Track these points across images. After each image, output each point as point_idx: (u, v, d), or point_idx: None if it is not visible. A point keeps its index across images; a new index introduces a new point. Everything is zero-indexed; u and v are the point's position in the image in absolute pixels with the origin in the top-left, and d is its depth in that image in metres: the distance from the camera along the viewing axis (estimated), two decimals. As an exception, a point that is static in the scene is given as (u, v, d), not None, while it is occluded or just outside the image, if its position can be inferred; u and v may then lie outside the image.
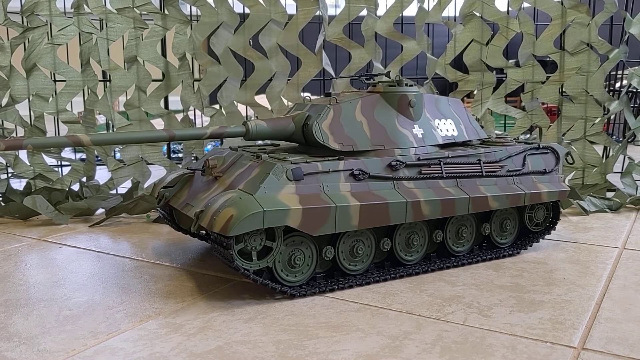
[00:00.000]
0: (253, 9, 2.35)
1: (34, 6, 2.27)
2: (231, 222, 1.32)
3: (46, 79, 2.35)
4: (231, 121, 2.39)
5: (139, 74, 2.36)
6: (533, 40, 2.47)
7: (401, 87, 1.69)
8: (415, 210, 1.55)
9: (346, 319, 1.34)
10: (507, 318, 1.34)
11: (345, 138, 1.59)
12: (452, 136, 1.77)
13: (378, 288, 1.53)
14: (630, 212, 2.34)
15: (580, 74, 2.45)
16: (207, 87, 2.39)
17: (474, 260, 1.72)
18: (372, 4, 2.42)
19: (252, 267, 1.41)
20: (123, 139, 1.73)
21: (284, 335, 1.26)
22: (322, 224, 1.42)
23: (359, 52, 2.45)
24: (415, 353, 1.18)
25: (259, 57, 2.39)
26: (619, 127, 3.93)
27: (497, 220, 1.79)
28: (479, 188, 1.68)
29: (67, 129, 2.39)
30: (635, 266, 1.70)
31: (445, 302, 1.43)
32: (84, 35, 2.33)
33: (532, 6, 2.49)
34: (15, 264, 1.77)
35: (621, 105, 2.48)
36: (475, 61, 2.52)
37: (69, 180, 2.44)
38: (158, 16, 2.34)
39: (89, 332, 1.28)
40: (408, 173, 1.59)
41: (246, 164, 1.54)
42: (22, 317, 1.37)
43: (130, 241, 2.00)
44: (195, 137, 1.71)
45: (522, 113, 2.55)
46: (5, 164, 2.46)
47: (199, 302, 1.45)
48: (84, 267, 1.73)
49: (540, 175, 1.81)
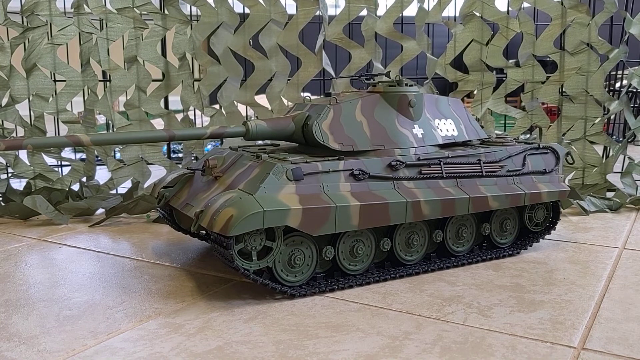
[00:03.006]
0: (253, 9, 2.35)
1: (34, 6, 2.27)
2: (231, 222, 1.32)
3: (46, 79, 2.35)
4: (231, 121, 2.39)
5: (139, 74, 2.36)
6: (533, 40, 2.47)
7: (401, 87, 1.69)
8: (415, 210, 1.55)
9: (346, 319, 1.34)
10: (507, 318, 1.34)
11: (345, 138, 1.59)
12: (452, 136, 1.77)
13: (378, 288, 1.53)
14: (630, 212, 2.34)
15: (580, 74, 2.45)
16: (207, 87, 2.39)
17: (474, 260, 1.73)
18: (372, 4, 2.42)
19: (252, 267, 1.41)
20: (123, 139, 1.73)
21: (284, 335, 1.26)
22: (322, 224, 1.42)
23: (359, 52, 2.45)
24: (415, 353, 1.18)
25: (259, 57, 2.39)
26: (619, 127, 3.93)
27: (497, 220, 1.79)
28: (479, 188, 1.68)
29: (67, 129, 2.39)
30: (635, 266, 1.70)
31: (445, 302, 1.43)
32: (84, 35, 2.33)
33: (532, 6, 2.49)
34: (15, 264, 1.77)
35: (621, 105, 2.48)
36: (475, 61, 2.52)
37: (69, 180, 2.44)
38: (158, 16, 2.34)
39: (89, 332, 1.28)
40: (408, 173, 1.59)
41: (246, 164, 1.54)
42: (22, 317, 1.37)
43: (130, 241, 2.00)
44: (195, 137, 1.71)
45: (522, 113, 2.55)
46: (5, 164, 2.46)
47: (199, 302, 1.45)
48: (84, 267, 1.73)
49: (540, 175, 1.81)
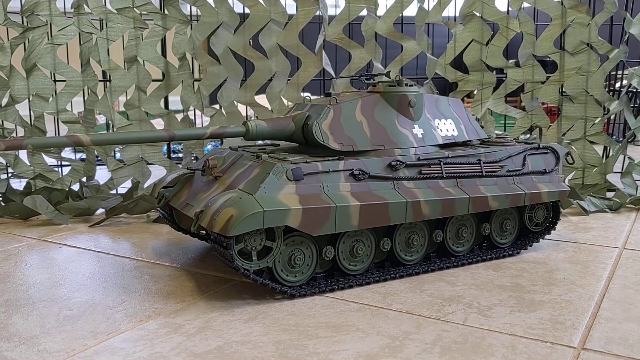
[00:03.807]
0: (253, 9, 2.35)
1: (34, 6, 2.27)
2: (231, 222, 1.32)
3: (46, 79, 2.35)
4: (231, 121, 2.39)
5: (139, 74, 2.36)
6: (533, 40, 2.47)
7: (401, 87, 1.69)
8: (415, 210, 1.55)
9: (346, 319, 1.34)
10: (507, 318, 1.34)
11: (345, 138, 1.59)
12: (452, 136, 1.77)
13: (378, 288, 1.53)
14: (630, 212, 2.34)
15: (580, 74, 2.45)
16: (207, 87, 2.39)
17: (474, 260, 1.73)
18: (372, 4, 2.42)
19: (252, 267, 1.41)
20: (123, 139, 1.73)
21: (284, 335, 1.26)
22: (322, 224, 1.42)
23: (359, 52, 2.45)
24: (415, 353, 1.18)
25: (259, 57, 2.39)
26: (619, 127, 3.93)
27: (497, 220, 1.79)
28: (479, 188, 1.68)
29: (67, 129, 2.39)
30: (635, 266, 1.70)
31: (445, 302, 1.43)
32: (84, 35, 2.33)
33: (532, 6, 2.49)
34: (15, 264, 1.77)
35: (621, 105, 2.47)
36: (475, 61, 2.52)
37: (69, 180, 2.44)
38: (158, 16, 2.34)
39: (89, 332, 1.28)
40: (408, 173, 1.59)
41: (246, 164, 1.54)
42: (22, 317, 1.37)
43: (130, 241, 2.00)
44: (195, 137, 1.71)
45: (522, 113, 2.55)
46: (5, 164, 2.46)
47: (199, 302, 1.45)
48: (84, 267, 1.73)
49: (540, 175, 1.81)
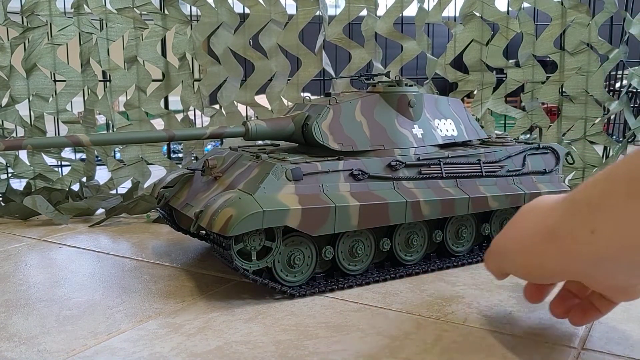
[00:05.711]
0: (253, 9, 2.35)
1: (34, 6, 2.27)
2: (230, 222, 1.32)
3: (46, 79, 2.35)
4: (231, 121, 2.39)
5: (139, 74, 2.36)
6: (533, 40, 2.47)
7: (401, 87, 1.69)
8: (414, 211, 1.55)
9: (346, 319, 1.34)
10: (507, 318, 1.34)
11: (345, 138, 1.59)
12: (452, 136, 1.77)
13: (378, 288, 1.53)
14: (630, 212, 2.34)
15: (580, 74, 2.45)
16: (207, 87, 2.39)
17: (474, 260, 1.72)
18: (372, 4, 2.42)
19: (252, 267, 1.41)
20: (123, 139, 1.73)
21: (284, 335, 1.26)
22: (321, 224, 1.42)
23: (359, 52, 2.45)
24: (415, 353, 1.18)
25: (259, 57, 2.39)
26: (619, 127, 3.93)
27: (497, 220, 1.79)
28: (479, 188, 1.68)
29: (67, 129, 2.39)
30: (635, 266, 1.69)
31: (445, 302, 1.43)
32: (84, 35, 2.33)
33: (532, 6, 2.49)
34: (15, 264, 1.77)
35: (621, 105, 2.47)
36: (475, 61, 2.52)
37: (69, 180, 2.44)
38: (158, 16, 2.34)
39: (89, 332, 1.28)
40: (408, 173, 1.59)
41: (246, 164, 1.54)
42: (22, 317, 1.37)
43: (130, 241, 2.00)
44: (195, 137, 1.71)
45: (522, 113, 2.55)
46: (5, 164, 2.46)
47: (199, 302, 1.45)
48: (84, 267, 1.73)
49: (540, 175, 1.81)
